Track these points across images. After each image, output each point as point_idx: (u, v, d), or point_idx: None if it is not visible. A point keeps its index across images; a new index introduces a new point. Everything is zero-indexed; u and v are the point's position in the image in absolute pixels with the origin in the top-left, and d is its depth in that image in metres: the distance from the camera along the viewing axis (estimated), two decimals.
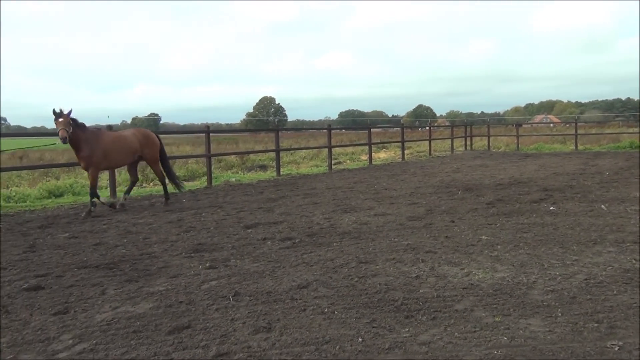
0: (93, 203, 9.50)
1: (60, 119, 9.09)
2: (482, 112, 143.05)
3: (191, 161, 19.30)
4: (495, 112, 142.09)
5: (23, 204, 10.97)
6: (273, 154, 21.85)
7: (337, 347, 3.53)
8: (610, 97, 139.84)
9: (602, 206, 8.90)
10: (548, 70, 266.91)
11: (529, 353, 3.39)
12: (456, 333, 3.73)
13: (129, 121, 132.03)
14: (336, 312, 4.19)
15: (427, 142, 27.41)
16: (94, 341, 3.78)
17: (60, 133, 8.95)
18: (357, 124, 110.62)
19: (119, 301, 4.65)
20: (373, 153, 22.93)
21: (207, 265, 5.77)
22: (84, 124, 9.69)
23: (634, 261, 5.48)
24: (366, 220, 8.26)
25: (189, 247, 6.66)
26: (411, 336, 3.70)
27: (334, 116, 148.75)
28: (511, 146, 29.91)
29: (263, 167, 20.26)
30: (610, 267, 5.29)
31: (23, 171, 15.30)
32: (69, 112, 9.20)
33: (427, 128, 36.60)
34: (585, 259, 5.61)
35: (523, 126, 36.40)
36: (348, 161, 23.57)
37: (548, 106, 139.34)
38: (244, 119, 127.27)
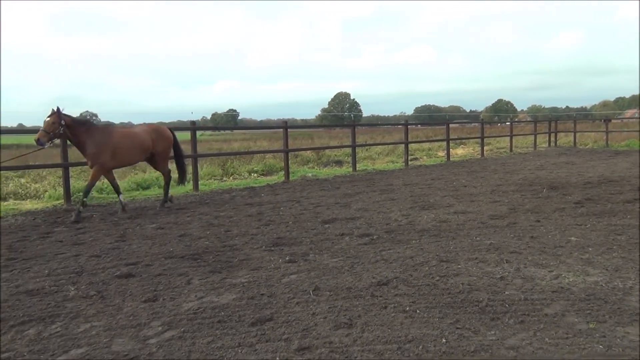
0: (84, 203, 8.85)
1: (46, 119, 8.52)
2: (567, 107, 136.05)
3: (268, 156, 19.66)
4: (581, 107, 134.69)
5: (114, 196, 11.59)
6: (348, 150, 21.87)
7: (420, 347, 3.46)
8: None
9: None
10: None
11: None
12: (547, 339, 3.56)
13: (209, 117, 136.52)
14: (418, 311, 4.12)
15: (508, 138, 26.42)
16: (182, 329, 3.92)
17: (37, 135, 8.42)
18: (434, 120, 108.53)
19: (204, 291, 4.80)
20: (450, 149, 22.40)
21: (287, 259, 5.85)
22: (89, 121, 9.35)
23: None
24: (445, 218, 8.07)
25: (269, 241, 6.77)
26: (498, 339, 3.56)
27: (410, 111, 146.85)
28: (600, 143, 28.25)
29: (339, 163, 20.30)
30: None
31: None
32: (58, 111, 8.57)
33: (508, 123, 35.32)
34: None
35: (612, 121, 34.28)
36: (424, 157, 23.17)
37: None
38: (319, 115, 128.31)
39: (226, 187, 13.09)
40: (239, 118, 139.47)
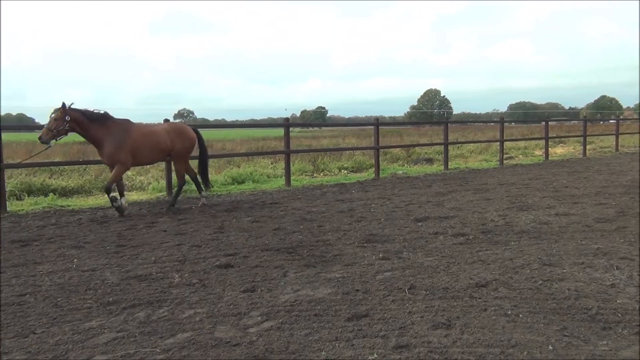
0: (113, 199, 8.56)
1: (51, 115, 8.12)
2: None
3: (357, 153, 19.68)
4: None
5: (212, 189, 12.10)
6: (438, 147, 21.41)
7: (525, 353, 3.31)
8: None
9: None
10: None
11: None
12: None
13: (298, 114, 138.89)
14: (521, 316, 3.94)
15: (614, 137, 24.71)
16: (280, 320, 4.01)
17: (41, 132, 8.02)
18: (530, 117, 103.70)
19: (300, 284, 4.88)
20: (549, 148, 21.30)
21: (380, 256, 5.82)
22: (105, 115, 8.53)
23: None
24: (546, 219, 7.68)
25: (362, 237, 6.77)
26: (611, 350, 3.33)
27: (503, 108, 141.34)
28: None
29: (429, 161, 19.93)
30: None
31: (210, 159, 16.88)
32: (63, 107, 8.12)
33: (612, 121, 32.97)
34: None
35: None
36: (520, 156, 22.22)
37: None
38: (407, 112, 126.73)
39: (317, 183, 13.25)
40: (328, 115, 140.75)
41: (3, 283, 5.05)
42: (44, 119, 8.42)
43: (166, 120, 11.56)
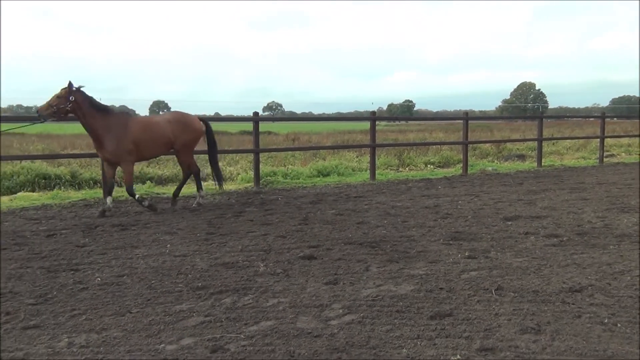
0: (140, 199, 8.39)
1: (57, 92, 7.75)
2: None
3: (445, 148, 19.21)
4: None
5: (297, 181, 12.31)
6: (531, 143, 20.45)
7: None
8: None
9: None
10: None
11: None
12: None
13: (385, 107, 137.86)
14: (619, 325, 3.68)
15: None
16: (361, 314, 4.00)
17: (40, 106, 7.76)
18: (634, 112, 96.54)
19: (382, 279, 4.85)
20: None
21: (466, 254, 5.65)
22: (109, 109, 8.17)
23: None
24: None
25: (447, 234, 6.61)
26: None
27: (604, 103, 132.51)
28: None
29: (521, 157, 19.07)
30: None
31: (296, 152, 17.17)
32: (69, 86, 7.71)
33: None
34: None
35: None
36: (622, 154, 20.74)
37: None
38: (499, 106, 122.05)
39: (402, 178, 13.09)
40: (415, 109, 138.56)
41: (104, 264, 5.42)
42: (144, 111, 8.79)
43: (255, 113, 11.88)
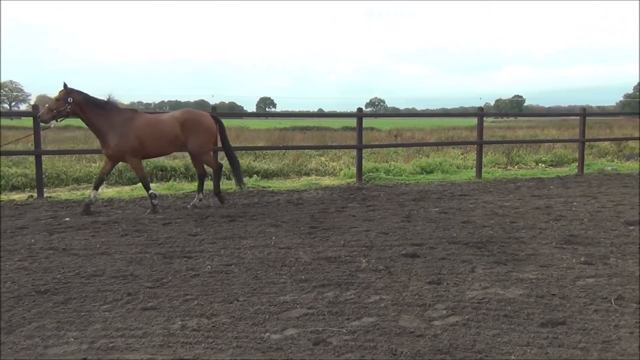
0: (153, 196, 8.12)
1: (56, 95, 7.75)
2: None
3: (558, 146, 18.10)
4: None
5: (400, 178, 12.19)
6: None
7: None
8: None
9: None
10: None
11: None
12: None
13: (492, 103, 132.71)
14: None
15: None
16: (466, 316, 3.88)
17: (42, 110, 7.76)
18: None
19: (489, 282, 4.67)
20: None
21: (582, 259, 5.29)
22: (110, 103, 7.94)
23: None
24: None
25: (560, 237, 6.23)
26: None
27: None
28: None
29: None
30: None
31: (399, 148, 17.01)
32: (65, 88, 7.68)
33: None
34: None
35: None
36: None
37: None
38: (620, 102, 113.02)
39: (510, 177, 12.51)
40: (525, 104, 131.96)
41: (214, 252, 5.69)
42: (251, 107, 9.00)
43: (359, 109, 11.90)
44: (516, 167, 14.88)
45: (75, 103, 7.66)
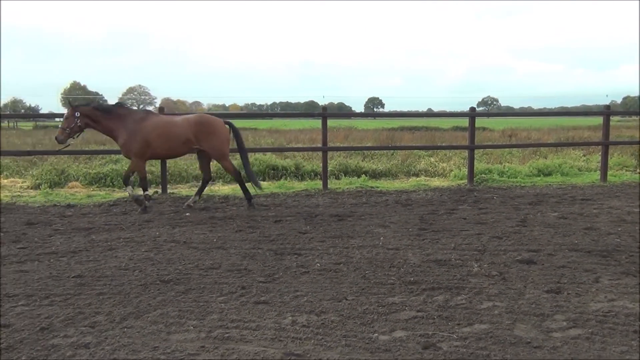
0: (147, 197, 8.29)
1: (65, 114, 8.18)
2: None
3: None
4: None
5: (514, 180, 11.62)
6: None
7: None
8: None
9: None
10: None
11: None
12: None
13: (619, 101, 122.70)
14: None
15: None
16: (590, 329, 3.61)
17: (57, 131, 8.09)
18: None
19: (615, 294, 4.31)
20: None
21: None
22: (121, 106, 8.33)
23: None
24: None
25: None
26: None
27: None
28: None
29: None
30: None
31: (513, 149, 16.22)
32: (70, 106, 8.09)
33: None
34: None
35: None
36: None
37: None
38: None
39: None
40: None
41: (323, 251, 5.77)
42: (359, 107, 9.00)
43: (472, 108, 11.52)
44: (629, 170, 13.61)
45: (83, 116, 7.99)
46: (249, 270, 5.11)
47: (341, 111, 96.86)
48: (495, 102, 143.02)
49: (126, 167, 8.53)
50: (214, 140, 8.26)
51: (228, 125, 8.63)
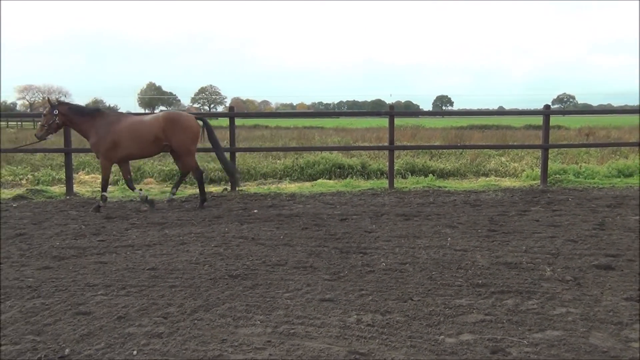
0: (103, 198, 8.36)
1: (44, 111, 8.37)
2: None
3: None
4: None
5: (591, 181, 11.08)
6: None
7: None
8: None
9: None
10: None
11: None
12: None
13: None
14: None
15: None
16: None
17: (37, 128, 8.03)
18: None
19: None
20: None
21: None
22: (95, 109, 8.56)
23: None
24: None
25: None
26: None
27: None
28: None
29: None
30: None
31: (591, 149, 15.46)
32: (48, 102, 8.25)
33: None
34: None
35: None
36: None
37: None
38: None
39: None
40: None
41: (389, 250, 5.74)
42: (427, 105, 8.89)
43: (547, 106, 11.09)
44: None
45: (61, 114, 8.21)
46: (315, 267, 5.15)
47: (408, 110, 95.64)
48: (571, 100, 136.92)
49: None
50: (181, 135, 8.33)
51: (201, 121, 8.83)
